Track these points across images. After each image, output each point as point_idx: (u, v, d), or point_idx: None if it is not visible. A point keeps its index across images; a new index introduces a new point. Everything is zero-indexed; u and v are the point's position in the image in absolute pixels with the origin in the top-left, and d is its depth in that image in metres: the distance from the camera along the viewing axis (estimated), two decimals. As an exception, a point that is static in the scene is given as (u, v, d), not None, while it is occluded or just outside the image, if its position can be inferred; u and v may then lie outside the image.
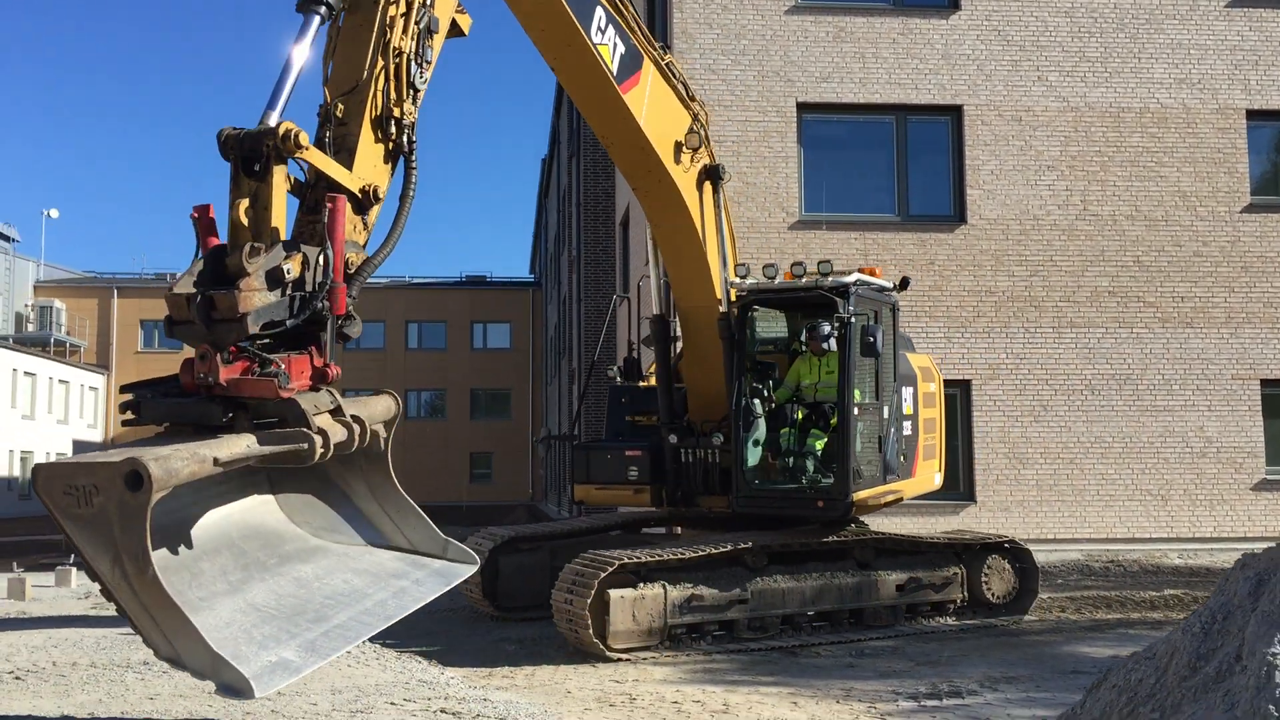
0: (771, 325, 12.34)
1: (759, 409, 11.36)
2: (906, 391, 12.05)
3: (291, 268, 5.41)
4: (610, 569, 9.90)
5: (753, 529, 11.21)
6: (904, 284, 12.19)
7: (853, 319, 11.04)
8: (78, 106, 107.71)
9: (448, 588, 6.04)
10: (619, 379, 13.74)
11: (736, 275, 11.61)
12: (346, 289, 5.82)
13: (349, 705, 7.57)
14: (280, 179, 5.54)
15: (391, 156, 6.37)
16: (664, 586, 10.24)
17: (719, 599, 10.40)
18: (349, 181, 5.95)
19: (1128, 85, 18.11)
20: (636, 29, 9.49)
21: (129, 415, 5.33)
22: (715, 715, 7.98)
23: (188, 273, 5.33)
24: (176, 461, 4.55)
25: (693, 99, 10.84)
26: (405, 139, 6.37)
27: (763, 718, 7.78)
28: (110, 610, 13.35)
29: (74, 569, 16.47)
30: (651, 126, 9.93)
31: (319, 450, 5.23)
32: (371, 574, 5.83)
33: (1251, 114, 18.30)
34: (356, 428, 5.58)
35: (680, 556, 10.35)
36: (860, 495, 11.02)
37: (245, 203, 5.49)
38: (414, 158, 6.48)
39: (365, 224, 6.21)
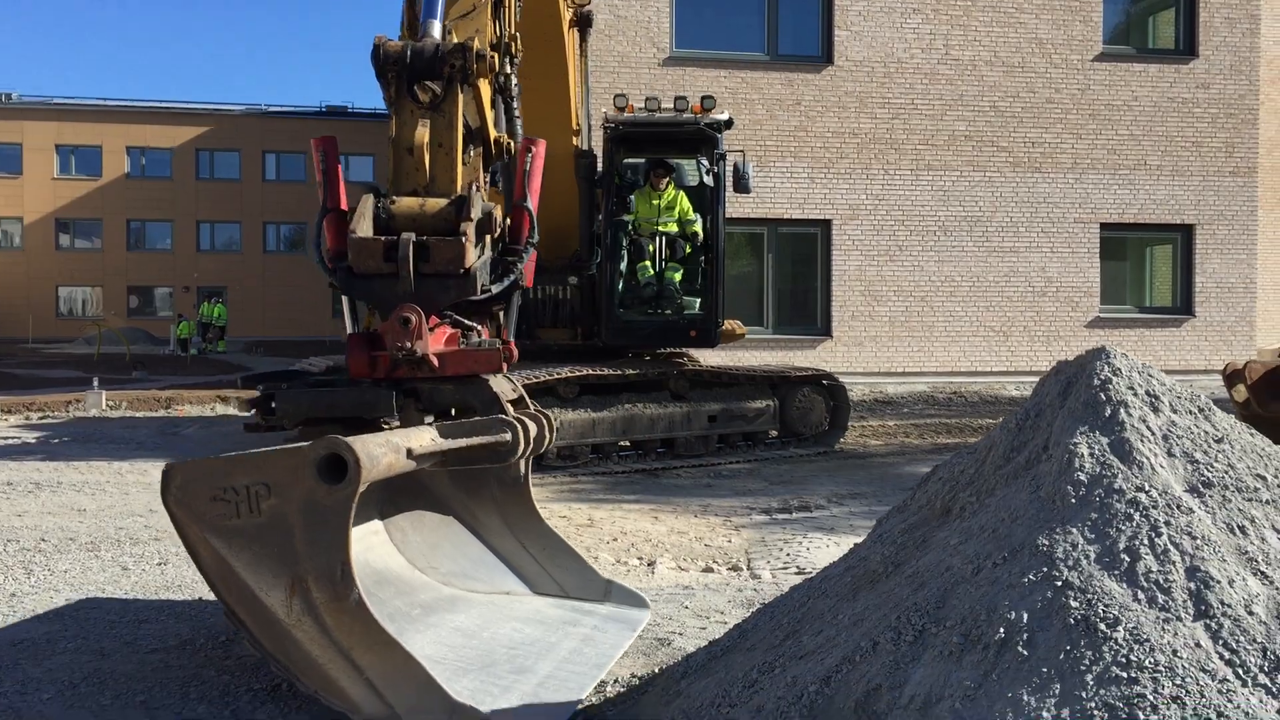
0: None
1: (624, 242, 11.57)
2: None
3: (500, 221, 4.39)
4: None
5: (591, 361, 11.29)
6: (728, 124, 12.34)
7: (727, 154, 11.41)
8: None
9: (634, 636, 4.78)
10: None
11: (615, 106, 11.60)
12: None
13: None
14: (460, 108, 4.49)
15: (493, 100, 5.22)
16: None
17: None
18: (490, 127, 4.91)
19: (994, -71, 18.31)
20: None
21: (255, 417, 4.34)
22: (580, 528, 8.41)
23: (359, 214, 4.29)
24: (376, 448, 3.45)
25: None
26: (512, 79, 5.22)
27: (625, 530, 8.24)
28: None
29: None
30: None
31: (522, 445, 4.15)
32: (540, 623, 4.66)
33: (1108, -37, 18.79)
34: (545, 422, 4.53)
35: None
36: (726, 325, 11.55)
37: (425, 133, 4.45)
38: (516, 104, 5.29)
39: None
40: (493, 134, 4.95)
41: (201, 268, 50.89)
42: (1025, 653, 2.85)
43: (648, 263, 11.50)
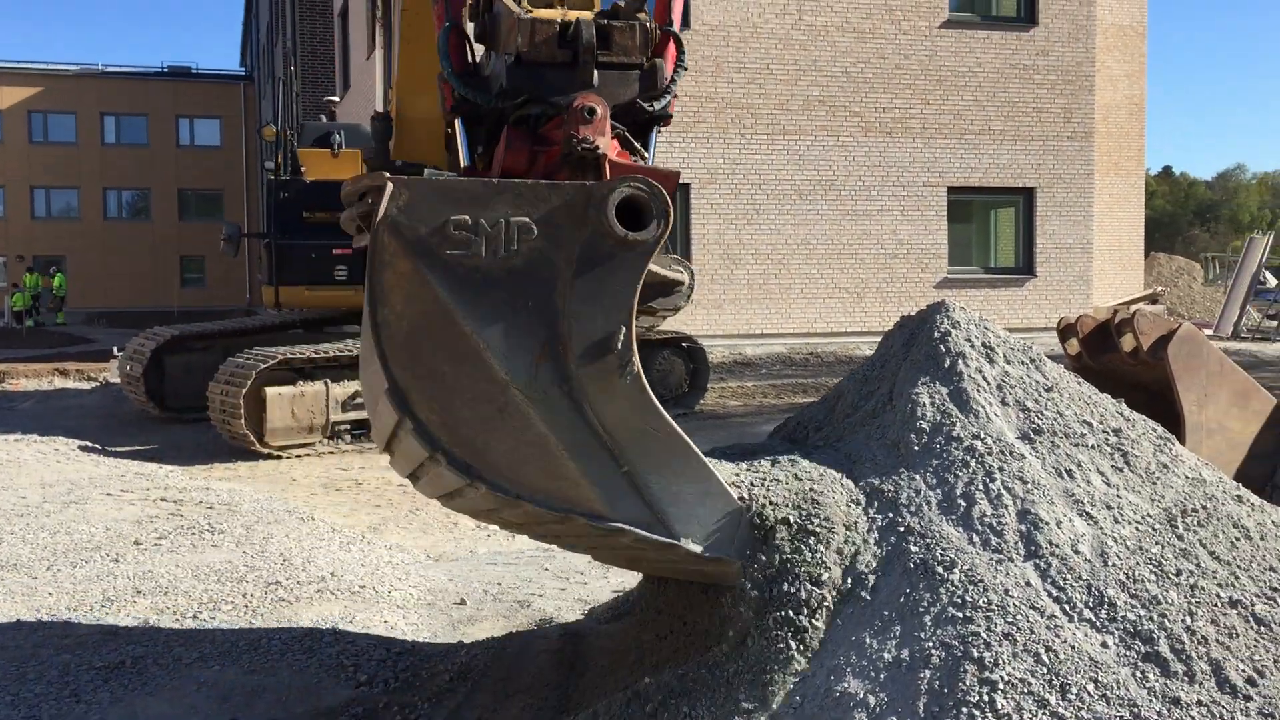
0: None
1: None
2: None
3: (654, 28, 3.73)
4: (271, 363, 9.88)
5: None
6: None
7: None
8: None
9: None
10: (279, 174, 13.18)
11: None
12: None
13: (62, 498, 7.42)
14: None
15: None
16: (326, 384, 10.26)
17: None
18: None
19: (845, -104, 18.57)
20: None
21: (359, 208, 3.36)
22: (440, 495, 8.33)
23: (507, 6, 3.59)
24: None
25: None
26: None
27: (485, 495, 8.18)
28: None
29: None
30: None
31: (692, 286, 3.41)
32: None
33: (954, -68, 19.25)
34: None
35: (348, 352, 10.30)
36: None
37: None
38: None
39: None
40: None
41: (37, 236, 48.38)
42: (868, 598, 2.94)
43: None
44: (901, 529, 3.07)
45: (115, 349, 17.36)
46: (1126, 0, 26.61)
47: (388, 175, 2.72)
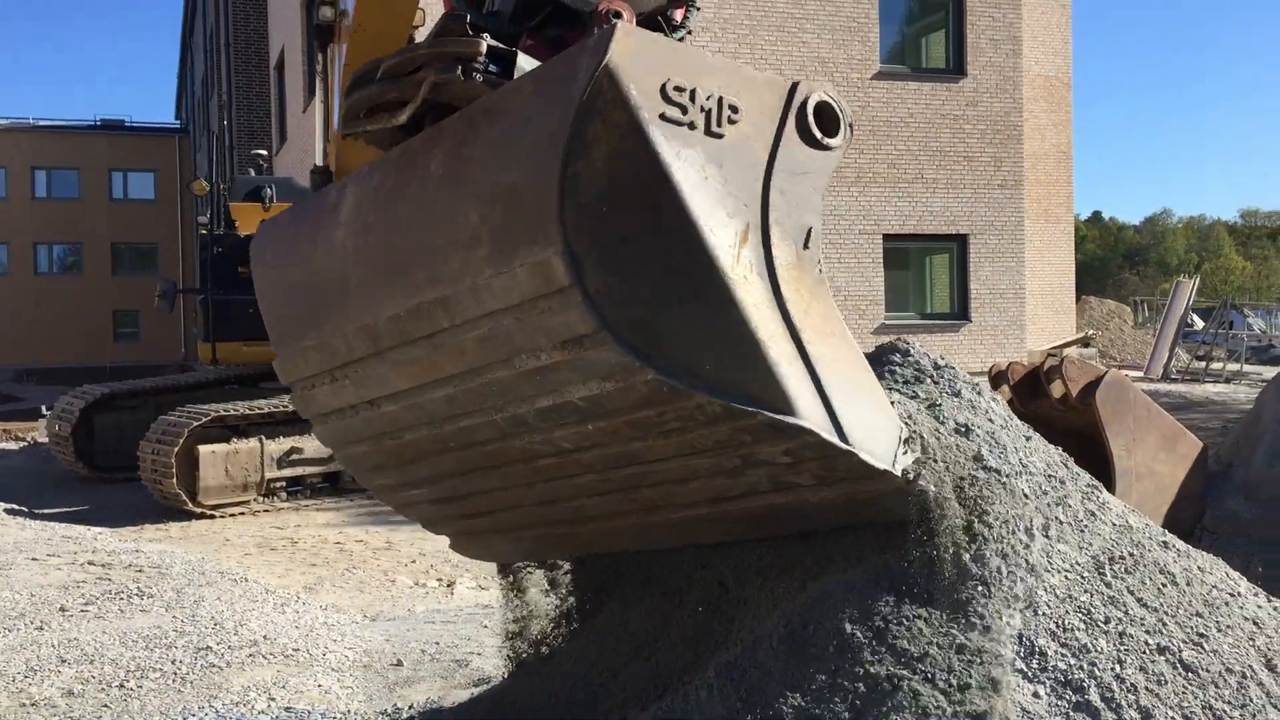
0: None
1: None
2: None
3: None
4: (203, 420, 9.76)
5: None
6: None
7: None
8: None
9: None
10: (209, 229, 13.03)
11: None
12: None
13: (-15, 564, 7.21)
14: None
15: None
16: (261, 440, 10.13)
17: (321, 451, 10.11)
18: None
19: (776, -49, 18.94)
20: None
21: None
22: (378, 552, 8.22)
23: None
24: None
25: None
26: None
27: (425, 551, 8.09)
28: None
29: None
30: None
31: None
32: None
33: (882, -14, 19.69)
34: None
35: (282, 408, 10.18)
36: None
37: None
38: None
39: None
40: None
41: (-35, 292, 47.41)
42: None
43: None
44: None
45: (44, 408, 16.99)
46: (1052, 52, 27.34)
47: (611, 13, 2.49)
